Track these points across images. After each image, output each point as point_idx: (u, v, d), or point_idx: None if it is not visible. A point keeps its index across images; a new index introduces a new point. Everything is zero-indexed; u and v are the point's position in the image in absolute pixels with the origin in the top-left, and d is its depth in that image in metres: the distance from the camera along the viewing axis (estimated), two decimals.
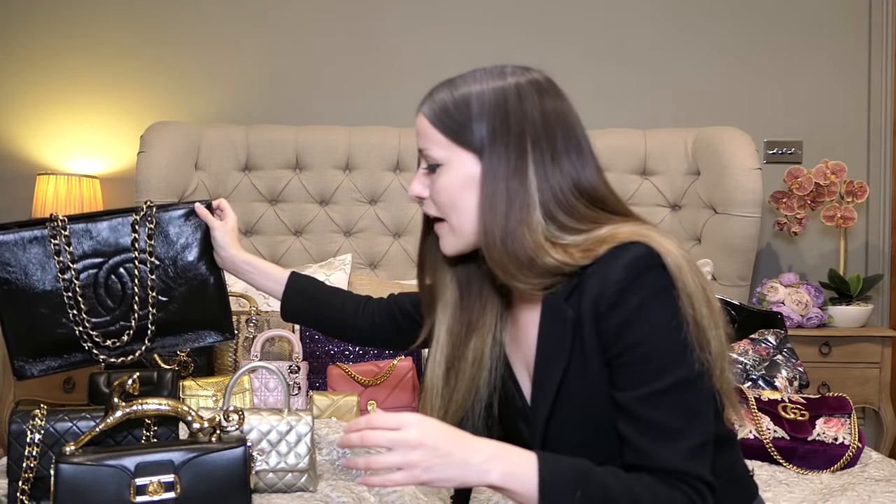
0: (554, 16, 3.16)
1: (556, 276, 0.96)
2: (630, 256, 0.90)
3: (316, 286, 1.41)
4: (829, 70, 3.19)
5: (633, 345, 0.90)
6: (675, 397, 0.89)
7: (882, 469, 1.78)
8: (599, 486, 0.86)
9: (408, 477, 0.85)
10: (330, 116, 3.13)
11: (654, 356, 0.89)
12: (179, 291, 1.46)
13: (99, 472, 1.18)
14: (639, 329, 0.90)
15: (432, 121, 1.01)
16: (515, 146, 0.97)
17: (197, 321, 1.50)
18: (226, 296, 1.52)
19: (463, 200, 0.99)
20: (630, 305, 0.90)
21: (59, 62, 3.21)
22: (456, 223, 1.01)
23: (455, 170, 1.00)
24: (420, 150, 1.04)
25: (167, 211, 1.47)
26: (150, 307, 1.44)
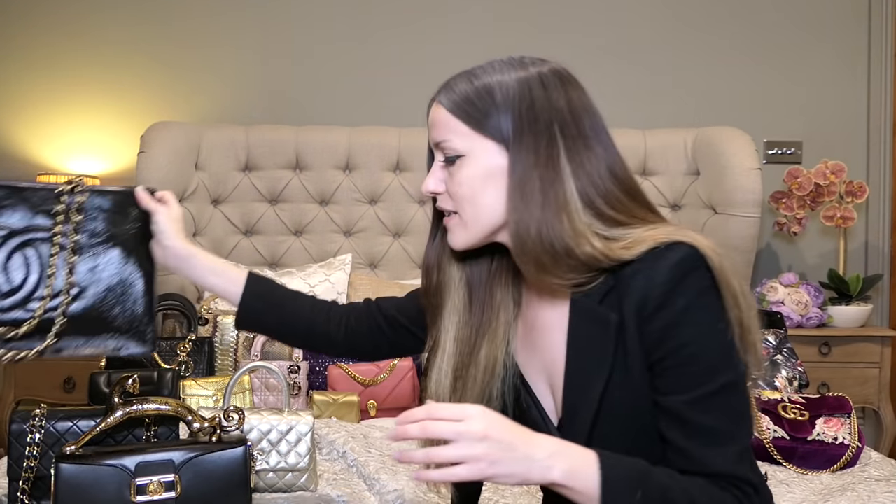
0: (554, 15, 3.16)
1: (591, 272, 0.92)
2: (676, 257, 0.88)
3: (278, 288, 1.23)
4: (829, 70, 3.20)
5: (680, 347, 0.87)
6: (723, 400, 0.87)
7: (882, 469, 1.78)
8: (658, 487, 0.84)
9: (472, 471, 0.81)
10: (330, 116, 3.14)
11: (702, 358, 0.87)
12: (99, 286, 1.24)
13: (99, 471, 1.18)
14: (685, 331, 0.87)
15: (453, 110, 0.97)
16: (544, 134, 0.93)
17: (114, 325, 1.25)
18: (153, 302, 1.31)
19: (483, 193, 0.95)
20: (676, 307, 0.87)
21: (60, 62, 3.21)
22: (470, 216, 0.97)
23: (477, 161, 0.96)
24: (436, 142, 0.99)
25: (102, 194, 1.24)
26: (65, 295, 1.20)
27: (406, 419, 0.85)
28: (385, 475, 1.61)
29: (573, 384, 0.95)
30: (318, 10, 3.21)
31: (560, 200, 0.92)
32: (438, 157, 1.00)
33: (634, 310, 0.89)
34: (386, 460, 1.70)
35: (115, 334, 1.25)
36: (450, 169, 0.98)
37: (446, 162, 0.98)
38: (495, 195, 0.95)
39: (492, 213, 0.96)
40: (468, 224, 0.97)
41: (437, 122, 0.99)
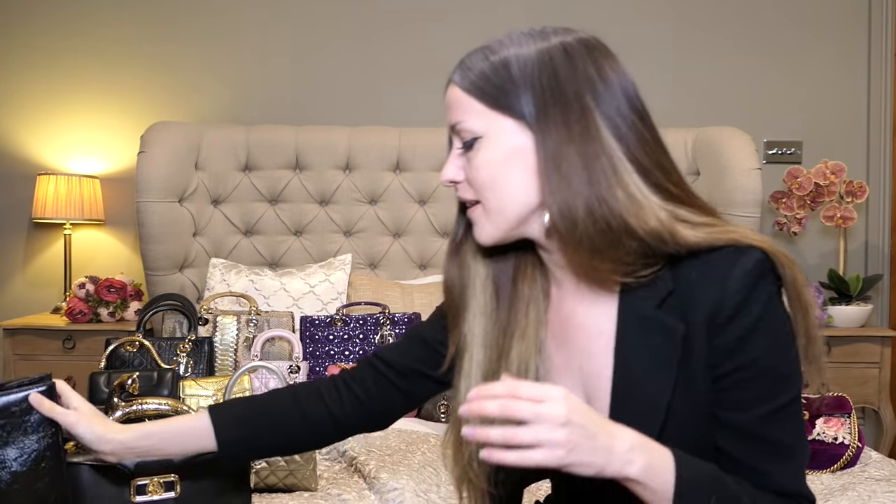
0: (555, 16, 3.16)
1: (649, 258, 0.84)
2: (749, 262, 0.81)
3: (248, 402, 1.07)
4: (829, 70, 3.20)
5: (754, 360, 0.81)
6: (792, 414, 0.83)
7: (882, 469, 1.78)
8: (732, 495, 0.80)
9: (548, 457, 0.73)
10: (330, 116, 3.14)
11: (775, 371, 0.82)
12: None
13: (99, 471, 1.18)
14: (759, 342, 0.81)
15: (467, 89, 0.90)
16: (574, 106, 0.85)
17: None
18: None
19: (505, 177, 0.87)
20: (751, 317, 0.81)
21: (60, 62, 3.22)
22: (494, 204, 0.89)
23: (496, 142, 0.87)
24: (453, 125, 0.91)
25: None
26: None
27: (483, 394, 0.75)
28: (385, 474, 1.61)
29: (624, 395, 0.87)
30: (318, 10, 3.21)
31: (609, 173, 0.83)
32: (456, 143, 0.93)
33: (705, 319, 0.82)
34: (386, 459, 1.70)
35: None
36: (468, 154, 0.90)
37: (464, 147, 0.90)
38: (519, 179, 0.87)
39: (517, 200, 0.88)
40: (492, 214, 0.89)
41: (451, 103, 0.92)
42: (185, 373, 2.16)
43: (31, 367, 2.74)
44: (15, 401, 1.00)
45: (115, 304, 2.86)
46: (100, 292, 2.85)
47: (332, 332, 2.37)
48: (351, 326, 2.38)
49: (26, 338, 2.77)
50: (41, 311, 3.16)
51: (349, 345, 2.37)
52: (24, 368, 2.76)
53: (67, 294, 2.94)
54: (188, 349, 2.20)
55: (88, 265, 3.18)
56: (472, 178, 0.90)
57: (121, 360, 2.14)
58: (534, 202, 0.88)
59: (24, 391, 1.01)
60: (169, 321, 2.50)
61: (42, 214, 2.99)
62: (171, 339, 2.26)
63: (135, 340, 2.16)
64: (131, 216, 3.04)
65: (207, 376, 2.16)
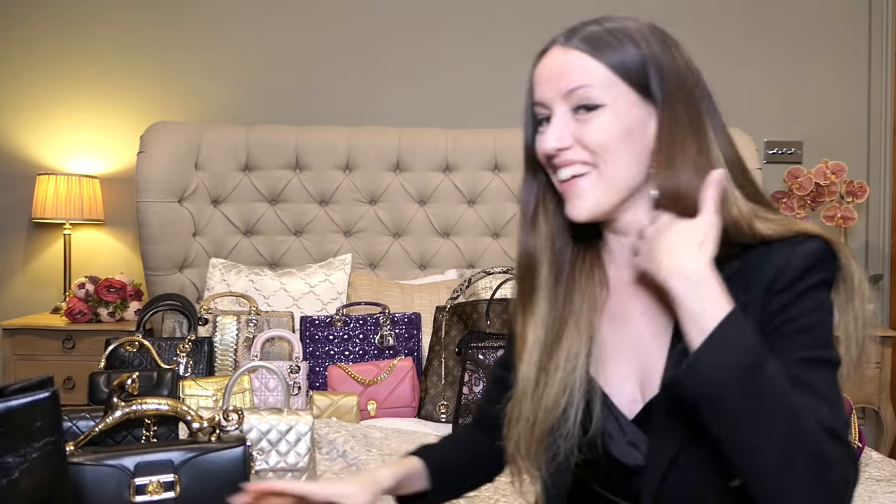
0: (554, 16, 3.14)
1: (726, 245, 0.86)
2: (815, 246, 0.84)
3: (444, 448, 1.10)
4: (830, 70, 3.19)
5: (797, 316, 0.82)
6: (827, 373, 0.81)
7: (882, 469, 1.78)
8: (773, 381, 0.75)
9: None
10: (330, 116, 3.14)
11: (815, 330, 0.82)
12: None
13: (98, 471, 1.17)
14: (805, 304, 0.82)
15: (593, 53, 0.88)
16: (691, 91, 0.90)
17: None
18: None
19: (623, 148, 0.87)
20: (801, 287, 0.83)
21: (59, 62, 3.21)
22: (611, 171, 0.87)
23: (619, 112, 0.87)
24: (571, 89, 0.88)
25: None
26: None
27: None
28: None
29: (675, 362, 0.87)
30: (318, 11, 3.21)
31: (711, 164, 0.86)
32: (560, 108, 0.89)
33: (764, 285, 0.84)
34: (386, 459, 1.70)
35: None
36: (582, 117, 0.88)
37: (579, 109, 0.88)
38: (633, 153, 0.88)
39: (629, 173, 0.88)
40: (605, 181, 0.88)
41: (569, 67, 0.88)
42: (185, 373, 2.16)
43: (31, 367, 2.74)
44: (17, 406, 1.00)
45: (115, 304, 2.86)
46: (100, 292, 2.85)
47: (332, 332, 2.37)
48: (351, 326, 2.38)
49: (26, 338, 2.77)
50: (41, 311, 3.16)
51: (349, 345, 2.36)
52: (23, 368, 2.76)
53: (67, 294, 2.94)
54: (188, 349, 2.20)
55: (88, 265, 3.18)
56: (589, 141, 0.87)
57: (120, 361, 2.14)
58: (639, 180, 0.89)
59: (27, 398, 1.01)
60: (169, 321, 2.50)
61: (42, 214, 2.99)
62: (171, 339, 2.25)
63: (134, 340, 2.16)
64: (131, 216, 3.04)
65: (207, 376, 2.16)
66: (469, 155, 2.92)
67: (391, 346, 2.36)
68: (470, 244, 2.95)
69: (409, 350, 2.38)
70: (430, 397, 2.24)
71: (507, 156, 2.90)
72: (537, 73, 0.92)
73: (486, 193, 2.93)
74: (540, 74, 0.92)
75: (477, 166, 2.92)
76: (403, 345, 2.38)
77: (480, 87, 3.16)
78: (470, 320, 2.26)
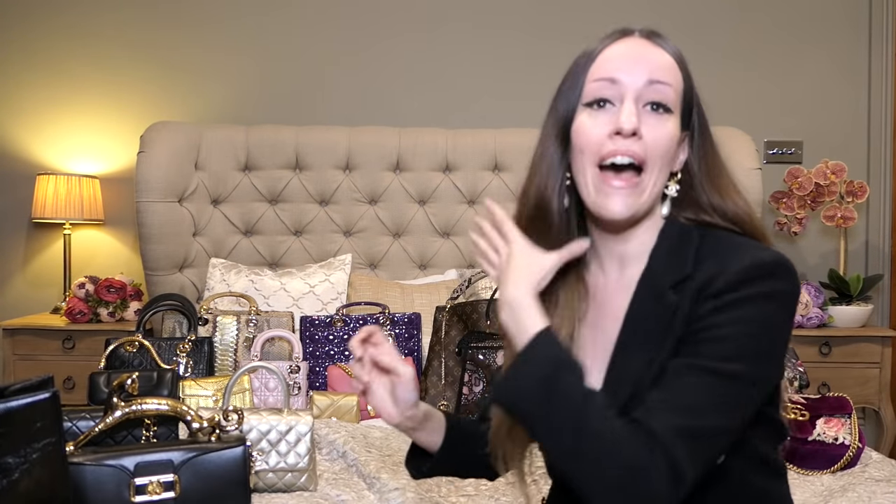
0: (554, 16, 3.16)
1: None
2: (761, 259, 0.83)
3: (462, 420, 1.11)
4: (829, 70, 3.19)
5: (717, 325, 0.81)
6: (719, 386, 0.79)
7: (882, 469, 1.78)
8: (567, 381, 0.79)
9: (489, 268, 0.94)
10: (330, 116, 3.13)
11: (724, 342, 0.80)
12: None
13: (98, 471, 1.17)
14: (731, 315, 0.81)
15: (680, 66, 0.94)
16: (706, 125, 0.97)
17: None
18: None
19: (665, 160, 0.90)
20: (734, 296, 0.82)
21: (60, 63, 3.21)
22: (652, 179, 0.89)
23: (675, 127, 0.91)
24: (657, 80, 0.89)
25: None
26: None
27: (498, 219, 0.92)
28: (385, 474, 1.61)
29: (617, 361, 0.90)
30: (318, 11, 3.21)
31: (737, 182, 0.98)
32: (632, 94, 0.89)
33: (695, 288, 0.85)
34: (386, 459, 1.70)
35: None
36: (654, 117, 0.89)
37: (652, 108, 0.89)
38: (665, 171, 0.91)
39: (658, 188, 0.91)
40: (649, 188, 0.90)
41: (660, 61, 0.92)
42: (185, 373, 2.16)
43: (31, 367, 2.74)
44: (18, 407, 1.00)
45: (115, 304, 2.86)
46: (99, 292, 2.85)
47: (331, 332, 2.37)
48: (351, 326, 2.38)
49: (26, 338, 2.77)
50: (41, 311, 3.16)
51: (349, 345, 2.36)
52: (23, 368, 2.76)
53: (67, 294, 2.94)
54: (188, 349, 2.20)
55: (88, 265, 3.18)
56: (651, 142, 0.88)
57: (120, 361, 2.14)
58: (661, 191, 0.92)
59: (27, 399, 1.01)
60: (169, 321, 2.50)
61: (42, 214, 2.99)
62: (171, 339, 2.25)
63: (134, 340, 2.16)
64: (131, 216, 3.03)
65: (207, 376, 2.16)
66: (469, 155, 2.91)
67: None
68: (470, 244, 2.93)
69: (409, 350, 2.38)
70: (430, 397, 2.24)
71: (507, 156, 2.90)
72: (614, 52, 0.92)
73: (486, 193, 2.92)
74: (620, 54, 0.91)
75: (477, 166, 2.92)
76: (403, 345, 2.38)
77: (480, 87, 3.16)
78: (470, 320, 2.26)
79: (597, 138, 0.89)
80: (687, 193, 0.94)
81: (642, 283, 0.91)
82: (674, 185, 0.94)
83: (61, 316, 2.88)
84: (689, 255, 0.89)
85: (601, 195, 0.89)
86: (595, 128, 0.89)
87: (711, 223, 0.93)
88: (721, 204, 0.93)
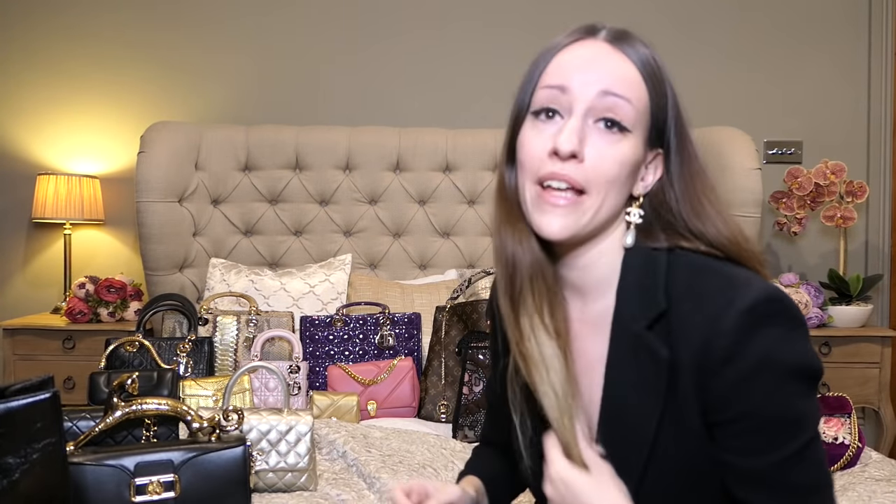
0: (554, 16, 3.16)
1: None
2: (748, 302, 0.75)
3: (484, 464, 1.09)
4: (829, 70, 3.19)
5: (756, 408, 0.75)
6: (810, 452, 0.76)
7: (882, 469, 1.78)
8: None
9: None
10: (330, 116, 3.14)
11: (783, 418, 0.75)
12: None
13: (99, 471, 1.18)
14: (760, 387, 0.74)
15: (644, 78, 0.81)
16: (688, 133, 0.86)
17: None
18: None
19: (618, 185, 0.80)
20: (749, 359, 0.74)
21: (60, 63, 3.21)
22: (596, 203, 0.80)
23: (635, 148, 0.80)
24: (608, 90, 0.79)
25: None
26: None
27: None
28: (385, 474, 1.61)
29: (612, 419, 0.83)
30: (318, 11, 3.21)
31: (722, 204, 0.86)
32: (581, 108, 0.79)
33: (692, 356, 0.77)
34: (386, 460, 1.70)
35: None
36: (604, 135, 0.79)
37: (605, 125, 0.79)
38: (620, 196, 0.82)
39: (610, 213, 0.82)
40: (587, 212, 0.80)
41: (617, 70, 0.80)
42: (185, 373, 2.16)
43: (31, 367, 2.74)
44: (18, 407, 1.00)
45: (115, 304, 2.86)
46: (100, 292, 2.85)
47: (332, 332, 2.37)
48: (351, 326, 2.38)
49: (26, 338, 2.77)
50: (41, 311, 3.16)
51: (349, 345, 2.37)
52: (23, 368, 2.76)
53: (67, 294, 2.94)
54: (188, 349, 2.20)
55: (88, 265, 3.18)
56: (593, 166, 0.79)
57: (121, 360, 2.14)
58: (616, 217, 0.84)
59: (27, 399, 1.01)
60: (169, 321, 2.50)
61: (42, 214, 2.99)
62: (171, 339, 2.25)
63: (135, 340, 2.16)
64: (131, 216, 3.04)
65: (207, 376, 2.16)
66: (469, 155, 2.92)
67: (391, 346, 2.36)
68: (470, 244, 2.95)
69: (409, 350, 2.38)
70: (430, 397, 2.24)
71: None
72: (568, 57, 0.82)
73: (486, 193, 2.93)
74: (573, 59, 0.82)
75: (477, 166, 2.92)
76: (403, 345, 2.38)
77: (480, 87, 3.17)
78: (470, 320, 2.26)
79: (537, 155, 0.81)
80: (662, 217, 0.85)
81: (616, 328, 0.83)
82: (636, 210, 0.84)
83: (61, 316, 2.88)
84: (659, 286, 0.81)
85: (538, 212, 0.82)
86: (537, 143, 0.81)
87: (690, 249, 0.83)
88: (700, 228, 0.83)
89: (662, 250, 0.83)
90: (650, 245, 0.84)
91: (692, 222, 0.84)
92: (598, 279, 0.86)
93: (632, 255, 0.84)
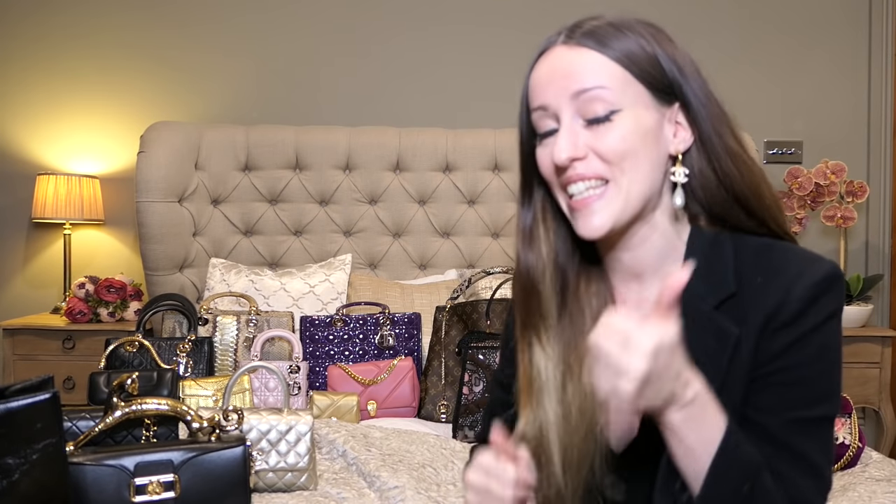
0: (554, 16, 3.15)
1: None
2: (819, 274, 0.80)
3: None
4: (829, 70, 3.19)
5: (794, 366, 0.79)
6: (820, 431, 0.80)
7: (882, 469, 1.78)
8: (767, 490, 0.76)
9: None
10: (330, 116, 3.14)
11: (816, 383, 0.79)
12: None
13: (98, 471, 1.17)
14: (805, 351, 0.79)
15: (605, 52, 0.81)
16: (706, 84, 0.88)
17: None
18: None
19: (641, 156, 0.81)
20: (805, 326, 0.79)
21: (60, 63, 3.21)
22: (627, 182, 0.80)
23: (637, 115, 0.81)
24: (582, 90, 0.80)
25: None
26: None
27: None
28: (385, 472, 1.61)
29: None
30: (318, 11, 3.21)
31: (749, 154, 0.89)
32: (567, 114, 0.81)
33: (762, 321, 0.80)
34: (386, 459, 1.70)
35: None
36: (598, 127, 0.81)
37: (595, 120, 0.81)
38: (647, 165, 0.81)
39: (645, 187, 0.82)
40: (621, 194, 0.81)
41: (579, 65, 0.81)
42: (185, 373, 2.16)
43: (31, 367, 2.74)
44: (18, 408, 1.00)
45: (115, 304, 2.86)
46: (100, 292, 2.85)
47: (332, 332, 2.37)
48: (351, 326, 2.38)
49: (26, 338, 2.77)
50: (41, 311, 3.16)
51: (349, 345, 2.36)
52: (23, 368, 2.76)
53: (67, 294, 2.94)
54: (188, 349, 2.20)
55: (88, 265, 3.18)
56: (606, 151, 0.80)
57: (120, 360, 2.14)
58: (657, 189, 0.84)
59: (27, 399, 1.01)
60: (169, 321, 2.50)
61: (42, 214, 2.99)
62: (171, 339, 2.25)
63: (134, 340, 2.16)
64: (131, 216, 3.04)
65: (207, 376, 2.16)
66: (469, 155, 2.92)
67: (391, 346, 2.36)
68: (470, 244, 2.95)
69: (409, 350, 2.38)
70: (430, 397, 2.24)
71: (507, 156, 2.90)
72: (536, 75, 0.84)
73: (486, 193, 2.93)
74: (541, 76, 0.83)
75: (477, 166, 2.92)
76: (403, 345, 2.38)
77: (480, 87, 3.17)
78: (470, 320, 2.26)
79: (551, 168, 0.84)
80: (709, 198, 0.86)
81: (684, 308, 0.81)
82: (680, 169, 0.84)
83: (61, 316, 2.88)
84: (728, 269, 0.83)
85: (575, 218, 0.84)
86: (547, 159, 0.84)
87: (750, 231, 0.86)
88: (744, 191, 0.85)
89: (725, 234, 0.86)
90: (710, 230, 0.86)
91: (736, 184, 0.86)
92: (654, 257, 0.87)
93: (695, 237, 0.86)
